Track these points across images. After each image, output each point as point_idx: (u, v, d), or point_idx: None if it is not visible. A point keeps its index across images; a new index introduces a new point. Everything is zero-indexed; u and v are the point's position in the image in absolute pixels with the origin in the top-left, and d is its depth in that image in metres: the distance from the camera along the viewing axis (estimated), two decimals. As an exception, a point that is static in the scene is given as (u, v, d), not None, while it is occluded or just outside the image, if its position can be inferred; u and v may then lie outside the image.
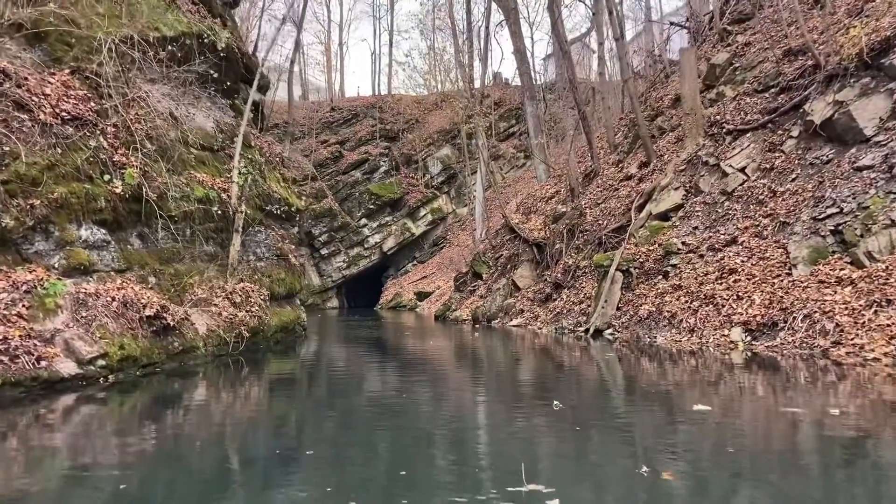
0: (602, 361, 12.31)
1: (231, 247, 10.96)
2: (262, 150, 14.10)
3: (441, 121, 49.73)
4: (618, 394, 8.54)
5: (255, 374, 10.44)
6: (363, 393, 8.74)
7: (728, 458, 4.72)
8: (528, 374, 10.46)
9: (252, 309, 11.51)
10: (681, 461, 4.63)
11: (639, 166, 18.94)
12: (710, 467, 4.54)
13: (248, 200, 12.49)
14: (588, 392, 8.66)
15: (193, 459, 5.02)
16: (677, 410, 6.84)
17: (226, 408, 7.61)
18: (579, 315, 16.90)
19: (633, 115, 20.11)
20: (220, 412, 7.30)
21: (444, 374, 10.66)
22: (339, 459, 4.91)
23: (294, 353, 13.83)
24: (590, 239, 18.51)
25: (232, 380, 9.66)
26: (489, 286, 22.99)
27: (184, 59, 10.88)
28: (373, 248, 44.26)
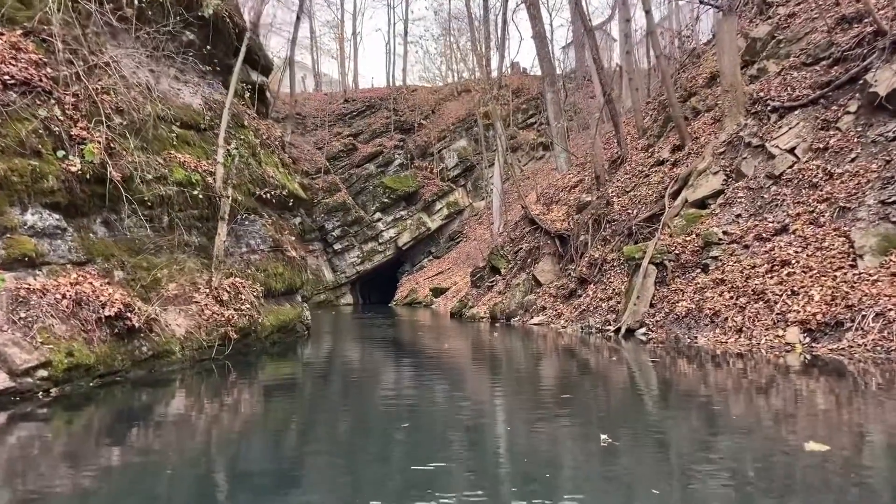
0: (636, 365, 10.88)
1: (216, 237, 9.67)
2: (259, 132, 12.79)
3: (457, 112, 48.31)
4: (664, 405, 7.12)
5: (245, 381, 9.15)
6: (369, 405, 7.43)
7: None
8: (556, 384, 9.05)
9: (242, 307, 10.21)
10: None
11: (671, 150, 17.41)
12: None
13: (239, 186, 11.19)
14: (627, 403, 7.24)
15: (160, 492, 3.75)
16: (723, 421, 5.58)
17: (203, 423, 6.32)
18: (607, 313, 15.44)
19: (664, 95, 18.57)
20: (194, 429, 6.01)
21: (461, 384, 9.29)
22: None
23: (294, 356, 12.54)
24: (618, 229, 17.01)
25: (215, 388, 8.37)
26: (508, 282, 21.57)
27: (157, 21, 9.58)
28: (387, 242, 42.99)
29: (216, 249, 9.61)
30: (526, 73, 53.23)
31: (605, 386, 8.88)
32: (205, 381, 8.77)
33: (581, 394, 8.25)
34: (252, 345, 10.98)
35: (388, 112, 47.23)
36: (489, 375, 10.08)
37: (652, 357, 11.35)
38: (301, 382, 9.63)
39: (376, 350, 14.20)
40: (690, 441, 5.29)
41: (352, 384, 9.38)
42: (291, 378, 9.90)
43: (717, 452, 4.78)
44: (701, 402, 7.09)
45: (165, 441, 5.48)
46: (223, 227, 9.64)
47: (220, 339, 9.52)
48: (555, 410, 6.81)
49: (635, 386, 9.10)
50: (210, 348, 9.25)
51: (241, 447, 5.37)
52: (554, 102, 29.79)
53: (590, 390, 8.52)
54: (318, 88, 53.47)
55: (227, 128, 11.33)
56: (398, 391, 8.51)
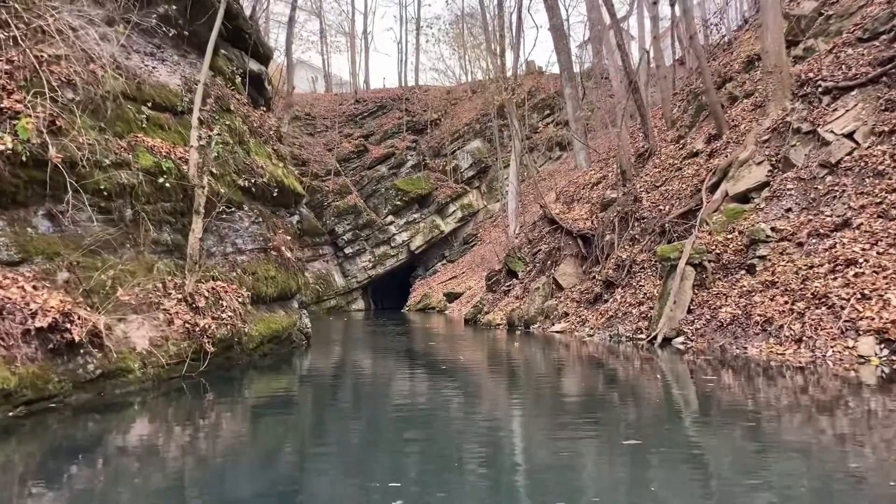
0: (674, 377, 9.40)
1: (190, 233, 8.29)
2: (249, 119, 11.43)
3: (471, 112, 46.91)
4: (706, 423, 5.65)
5: (225, 401, 7.78)
6: (374, 430, 6.03)
7: None
8: (585, 402, 7.55)
9: (223, 315, 8.82)
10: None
11: (706, 140, 15.86)
12: None
13: (222, 177, 9.82)
14: (664, 421, 5.74)
15: None
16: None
17: (160, 457, 4.95)
18: (639, 319, 13.90)
19: (694, 84, 17.03)
20: (145, 465, 4.62)
21: (480, 403, 7.83)
22: None
23: (288, 369, 11.15)
24: (648, 227, 15.48)
25: (184, 411, 7.01)
26: (526, 286, 20.07)
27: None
28: (400, 246, 41.59)
29: (190, 248, 8.24)
30: (541, 72, 51.69)
31: (638, 402, 7.70)
32: (173, 404, 7.39)
33: (614, 411, 6.94)
34: (236, 358, 9.59)
35: (400, 112, 45.96)
36: (512, 394, 8.61)
37: (692, 369, 9.85)
38: (294, 401, 8.27)
39: (384, 362, 12.78)
40: (735, 464, 4.67)
41: (353, 402, 7.97)
42: (282, 396, 8.52)
43: (766, 478, 4.20)
44: (750, 421, 6.11)
45: (105, 484, 4.11)
46: (198, 221, 8.26)
47: (195, 353, 8.13)
48: (584, 431, 5.49)
49: (673, 402, 7.82)
50: (180, 364, 7.86)
51: (211, 487, 4.00)
52: (572, 98, 28.29)
53: (624, 407, 7.27)
54: (328, 89, 52.28)
55: (211, 111, 9.98)
56: (406, 414, 7.08)
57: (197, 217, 8.29)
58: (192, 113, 8.65)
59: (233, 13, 13.88)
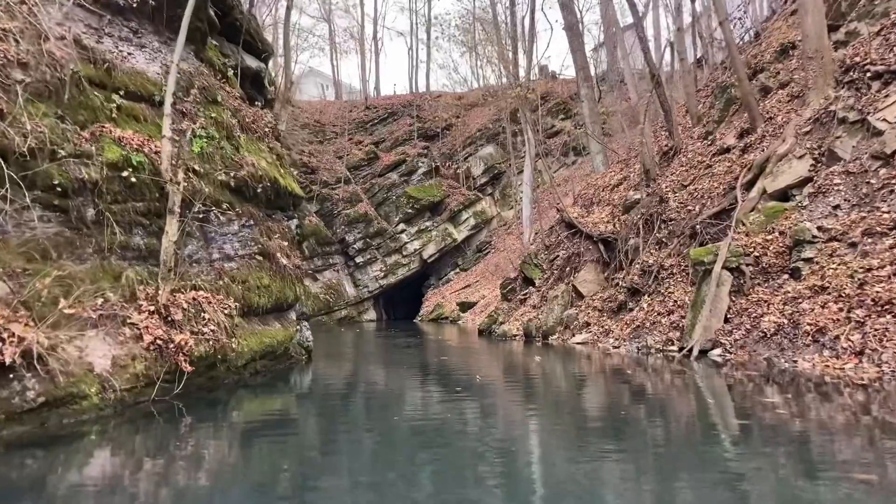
0: (712, 393, 8.24)
1: (164, 236, 7.26)
2: (240, 113, 10.43)
3: (483, 118, 45.99)
4: (748, 446, 4.60)
5: (204, 426, 6.75)
6: (378, 462, 4.93)
7: None
8: (616, 427, 6.39)
9: (204, 328, 7.78)
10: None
11: (738, 135, 14.68)
12: None
13: (207, 175, 8.80)
14: (708, 446, 4.62)
15: None
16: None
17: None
18: (669, 329, 12.73)
19: (726, 75, 15.86)
20: None
21: (505, 434, 6.70)
22: None
23: (284, 387, 10.09)
24: (677, 230, 14.30)
25: (155, 441, 6.02)
26: (543, 294, 18.91)
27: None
28: (412, 255, 40.53)
29: (163, 253, 7.20)
30: (555, 77, 50.70)
31: (669, 420, 6.91)
32: (140, 432, 6.35)
33: (641, 430, 5.96)
34: (222, 377, 8.53)
35: (411, 119, 45.10)
36: (541, 422, 7.46)
37: (731, 384, 8.72)
38: (289, 423, 7.24)
39: (392, 378, 11.68)
40: (779, 494, 4.10)
41: (357, 424, 6.88)
42: (275, 417, 7.49)
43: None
44: (799, 444, 5.43)
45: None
46: (172, 222, 7.24)
47: (168, 373, 7.08)
48: (609, 455, 4.40)
49: (709, 420, 7.03)
50: (150, 386, 6.81)
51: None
52: (589, 98, 27.21)
53: (652, 426, 6.40)
54: (338, 97, 51.53)
55: (195, 102, 8.98)
56: (417, 438, 5.97)
57: (171, 217, 7.26)
58: (165, 99, 7.64)
59: (227, 4, 12.97)
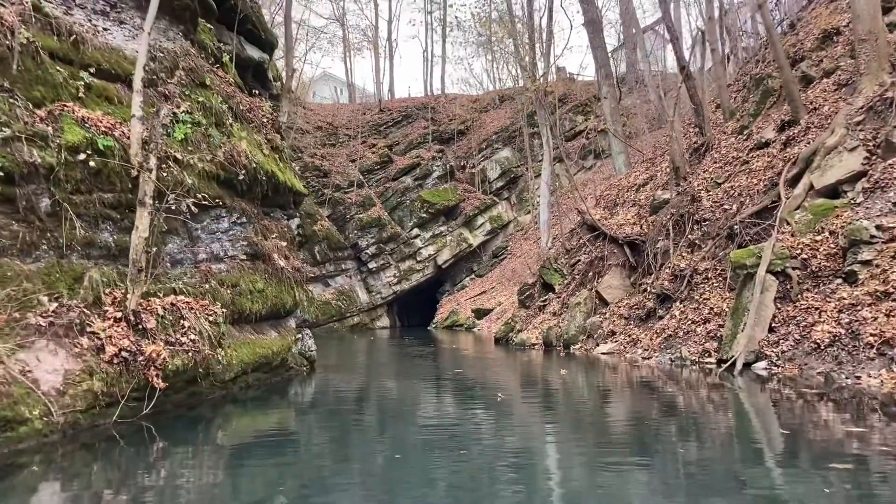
0: (758, 415, 7.20)
1: (133, 232, 6.28)
2: (233, 100, 9.47)
3: (499, 121, 44.99)
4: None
5: (181, 450, 5.82)
6: (383, 492, 3.97)
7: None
8: (657, 451, 5.30)
9: (183, 338, 6.79)
10: None
11: (778, 128, 13.51)
12: None
13: (192, 165, 7.83)
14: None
15: None
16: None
17: None
18: (706, 339, 11.59)
19: (760, 67, 14.71)
20: None
21: (533, 468, 5.65)
22: None
23: (281, 402, 9.10)
24: (711, 231, 13.15)
25: (117, 470, 5.07)
26: (564, 300, 17.79)
27: None
28: (426, 260, 39.54)
29: (133, 251, 6.23)
30: (573, 79, 49.59)
31: (707, 439, 6.05)
32: (96, 461, 5.37)
33: (672, 447, 4.85)
34: (205, 392, 7.55)
35: (425, 122, 44.20)
36: (588, 458, 6.37)
37: (777, 399, 7.62)
38: (283, 443, 6.26)
39: (402, 393, 10.64)
40: None
41: (362, 444, 5.84)
42: (268, 437, 6.52)
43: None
44: (858, 470, 4.65)
45: None
46: (143, 216, 6.25)
47: (137, 390, 6.09)
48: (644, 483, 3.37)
49: (751, 440, 6.23)
50: (112, 405, 5.82)
51: None
52: (610, 96, 26.10)
53: (684, 444, 5.32)
54: (352, 100, 50.75)
55: (179, 83, 8.04)
56: (429, 464, 4.93)
57: (142, 210, 6.28)
58: (135, 73, 6.67)
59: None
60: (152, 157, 6.38)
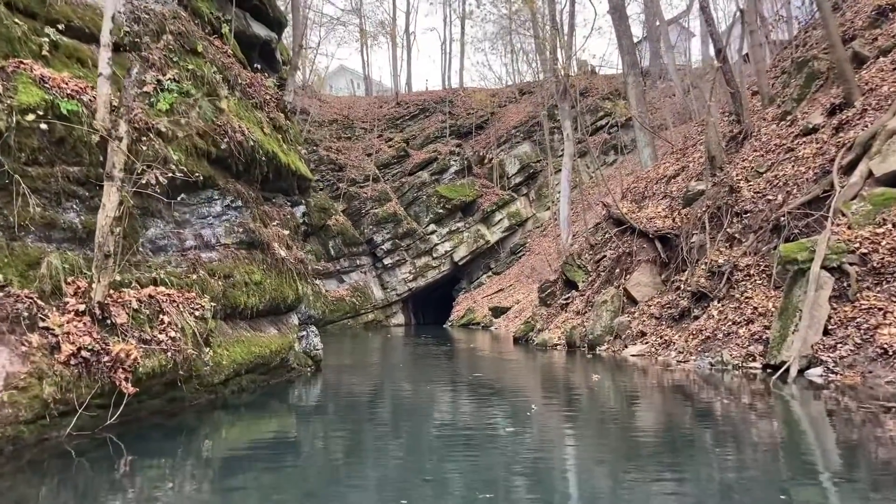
0: (814, 427, 6.22)
1: (100, 211, 5.38)
2: (230, 71, 8.56)
3: (518, 115, 43.94)
4: None
5: (154, 465, 5.00)
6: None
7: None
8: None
9: (162, 335, 5.88)
10: None
11: (827, 112, 12.37)
12: None
13: (179, 139, 6.91)
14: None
15: None
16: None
17: None
18: (750, 342, 10.51)
19: (802, 49, 13.56)
20: None
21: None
22: None
23: (279, 406, 8.21)
24: (753, 223, 12.05)
25: (71, 493, 4.16)
26: (588, 298, 16.74)
27: None
28: (442, 257, 38.59)
29: (99, 233, 5.32)
30: (594, 72, 48.34)
31: (753, 455, 4.99)
32: (43, 483, 4.49)
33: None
34: (189, 397, 6.65)
35: (443, 115, 43.27)
36: (635, 478, 5.38)
37: (832, 409, 6.60)
38: (279, 454, 5.34)
39: (416, 398, 9.69)
40: None
41: (369, 457, 4.90)
42: (260, 448, 5.60)
43: None
44: None
45: None
46: (111, 192, 5.33)
47: (102, 395, 5.18)
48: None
49: (806, 460, 5.23)
50: (67, 415, 4.91)
51: None
52: (636, 86, 24.97)
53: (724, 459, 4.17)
54: (368, 93, 49.87)
55: (166, 48, 7.13)
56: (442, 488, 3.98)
57: (109, 185, 5.37)
58: (102, 27, 5.74)
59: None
60: (122, 123, 5.47)
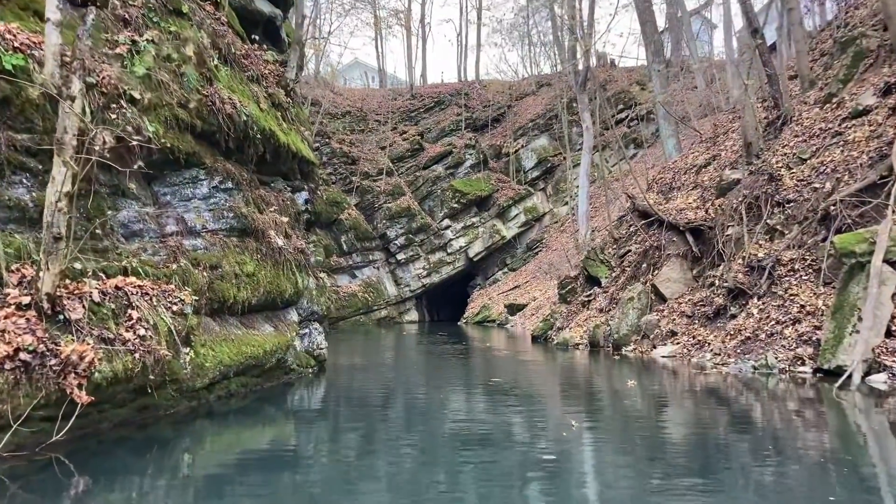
0: (878, 440, 5.18)
1: (49, 185, 4.48)
2: (221, 39, 7.67)
3: (536, 108, 42.87)
4: None
5: (116, 489, 4.07)
6: None
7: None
8: None
9: (129, 333, 5.01)
10: None
11: (881, 92, 11.28)
12: None
13: (158, 109, 6.03)
14: None
15: None
16: None
17: None
18: (797, 343, 9.50)
19: (840, 30, 12.45)
20: None
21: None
22: None
23: (275, 413, 7.33)
24: (798, 214, 11.00)
25: None
26: (612, 295, 15.76)
27: None
28: (457, 252, 37.68)
29: (48, 212, 4.44)
30: (614, 65, 47.20)
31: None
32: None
33: None
34: (164, 405, 5.78)
35: (458, 108, 42.35)
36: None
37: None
38: (268, 471, 4.42)
39: (429, 404, 8.77)
40: None
41: (375, 477, 4.03)
42: (249, 460, 4.72)
43: None
44: None
45: None
46: (61, 163, 4.46)
47: (50, 406, 4.32)
48: None
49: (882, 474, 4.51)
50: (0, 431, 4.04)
51: None
52: (660, 75, 23.89)
53: None
54: (382, 86, 48.98)
55: (144, 6, 6.25)
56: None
57: (60, 154, 4.49)
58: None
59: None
60: (75, 79, 4.59)
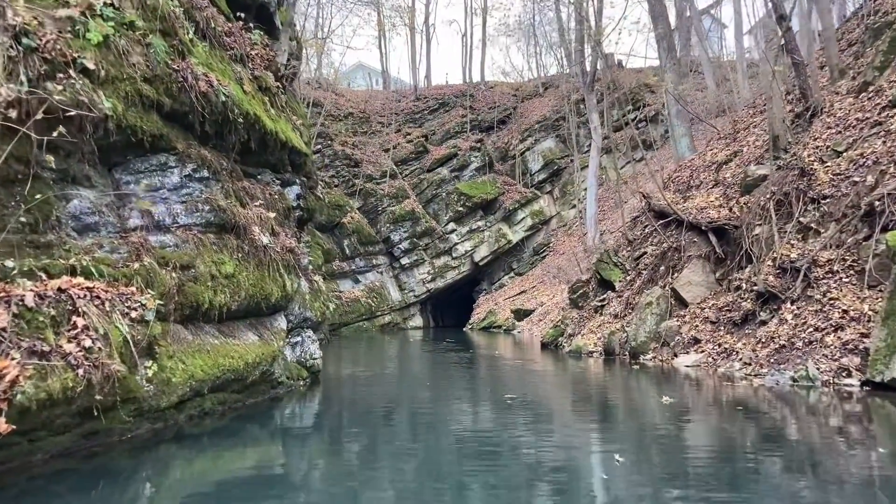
0: None
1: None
2: (199, 12, 6.83)
3: (542, 109, 42.08)
4: None
5: None
6: None
7: None
8: None
9: (70, 344, 4.15)
10: None
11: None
12: None
13: (116, 84, 5.19)
14: None
15: None
16: None
17: None
18: (841, 352, 8.57)
19: (870, 16, 11.56)
20: None
21: None
22: None
23: (258, 432, 6.45)
24: (836, 211, 10.09)
25: None
26: (628, 300, 14.84)
27: None
28: (462, 257, 36.86)
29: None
30: (621, 67, 46.39)
31: None
32: None
33: None
34: (120, 429, 4.91)
35: (463, 110, 41.59)
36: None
37: None
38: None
39: (433, 413, 7.87)
40: None
41: None
42: (222, 493, 3.85)
43: None
44: None
45: None
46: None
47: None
48: None
49: None
50: None
51: None
52: (673, 71, 22.99)
53: None
54: (386, 87, 48.23)
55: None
56: None
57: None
58: None
59: None
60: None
